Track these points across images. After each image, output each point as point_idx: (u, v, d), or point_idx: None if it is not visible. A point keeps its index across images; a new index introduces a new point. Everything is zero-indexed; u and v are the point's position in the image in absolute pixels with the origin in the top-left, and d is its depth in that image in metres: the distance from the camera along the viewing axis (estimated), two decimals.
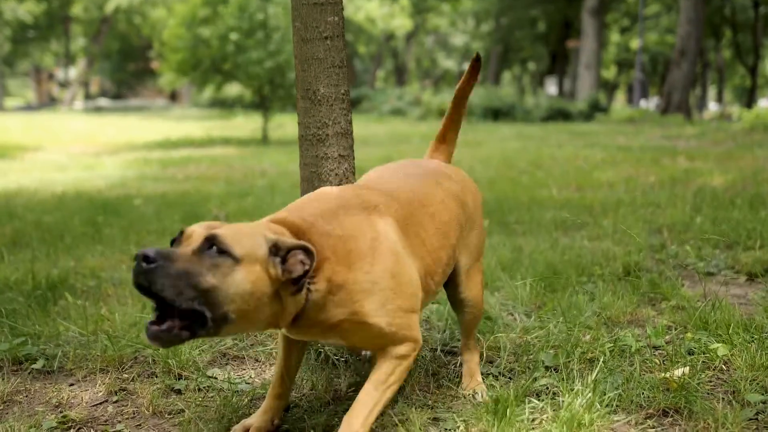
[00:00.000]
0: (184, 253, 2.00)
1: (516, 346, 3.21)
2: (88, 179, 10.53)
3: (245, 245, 2.05)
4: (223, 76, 19.12)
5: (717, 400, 2.55)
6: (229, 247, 2.02)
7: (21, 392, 2.90)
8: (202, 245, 2.02)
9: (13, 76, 70.16)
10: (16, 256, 5.20)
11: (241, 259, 2.03)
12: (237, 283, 2.01)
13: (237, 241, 2.04)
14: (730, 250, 4.97)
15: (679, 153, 12.57)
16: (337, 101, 2.96)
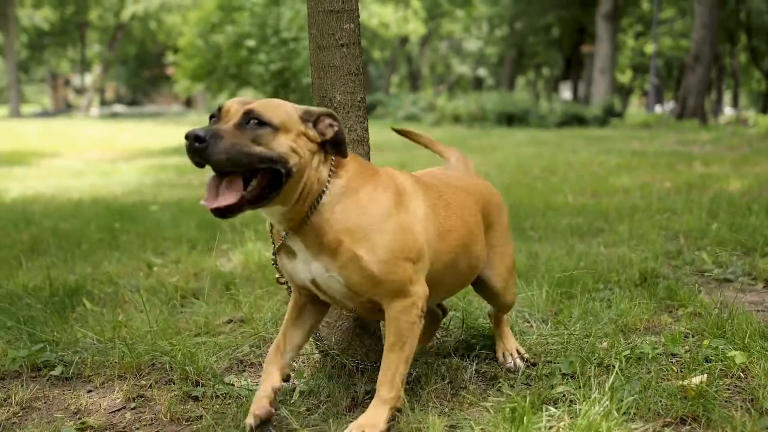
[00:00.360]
0: (228, 129, 2.24)
1: (532, 354, 3.21)
2: (105, 185, 10.58)
3: (280, 115, 2.33)
4: (237, 82, 19.19)
5: (735, 408, 2.54)
6: (267, 119, 2.28)
7: (40, 398, 2.92)
8: (242, 119, 2.27)
9: (29, 82, 70.65)
10: (33, 263, 5.23)
11: (280, 126, 2.30)
12: (280, 144, 2.29)
13: (272, 112, 2.32)
14: (747, 256, 4.95)
15: (694, 158, 12.52)
16: (353, 108, 2.97)
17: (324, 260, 2.45)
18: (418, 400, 2.74)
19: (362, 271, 2.43)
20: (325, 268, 2.46)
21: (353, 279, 2.45)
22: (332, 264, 2.44)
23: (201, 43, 17.88)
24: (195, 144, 2.17)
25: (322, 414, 2.66)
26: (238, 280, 4.60)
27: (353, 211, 2.45)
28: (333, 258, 2.43)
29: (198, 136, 2.17)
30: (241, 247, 5.47)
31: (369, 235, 2.44)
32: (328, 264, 2.45)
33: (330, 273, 2.46)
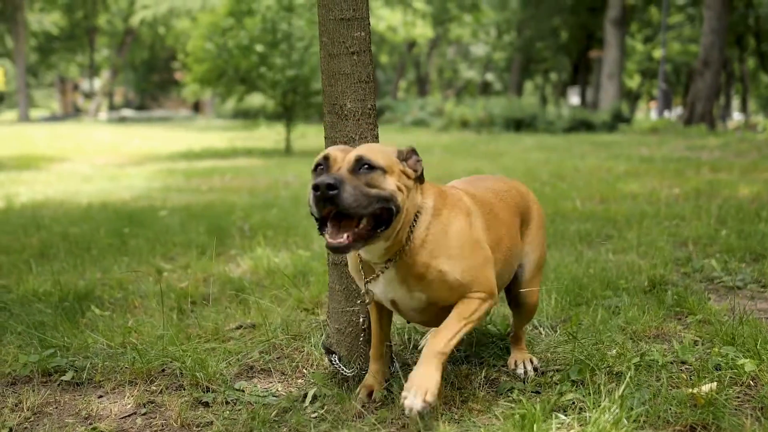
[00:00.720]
0: (347, 175, 2.45)
1: (542, 361, 3.21)
2: (114, 190, 10.61)
3: (384, 158, 2.55)
4: (246, 86, 19.20)
5: (745, 416, 2.54)
6: (375, 163, 2.50)
7: (51, 404, 2.94)
8: (355, 166, 2.49)
9: (38, 87, 70.89)
10: (43, 268, 5.25)
11: (386, 168, 2.52)
12: (388, 184, 2.51)
13: (378, 156, 2.54)
14: (757, 263, 4.94)
15: (703, 164, 12.50)
16: (363, 116, 2.98)
17: (410, 283, 2.68)
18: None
19: (448, 285, 2.66)
20: (409, 289, 2.70)
21: (438, 293, 2.69)
22: (418, 285, 2.67)
23: (211, 47, 17.89)
24: (328, 192, 2.36)
25: (332, 421, 2.67)
26: (248, 285, 4.62)
27: (440, 233, 2.69)
28: (420, 280, 2.66)
29: (330, 184, 2.36)
30: (251, 253, 5.48)
31: (451, 252, 2.67)
32: (413, 285, 2.68)
33: (413, 293, 2.70)
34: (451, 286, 2.67)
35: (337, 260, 3.07)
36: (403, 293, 2.71)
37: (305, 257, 5.29)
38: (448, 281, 2.66)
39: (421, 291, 2.69)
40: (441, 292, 2.68)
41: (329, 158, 2.55)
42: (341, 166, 2.50)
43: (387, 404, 2.81)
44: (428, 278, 2.65)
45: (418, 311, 2.78)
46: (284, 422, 2.65)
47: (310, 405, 2.82)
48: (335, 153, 2.56)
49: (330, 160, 2.54)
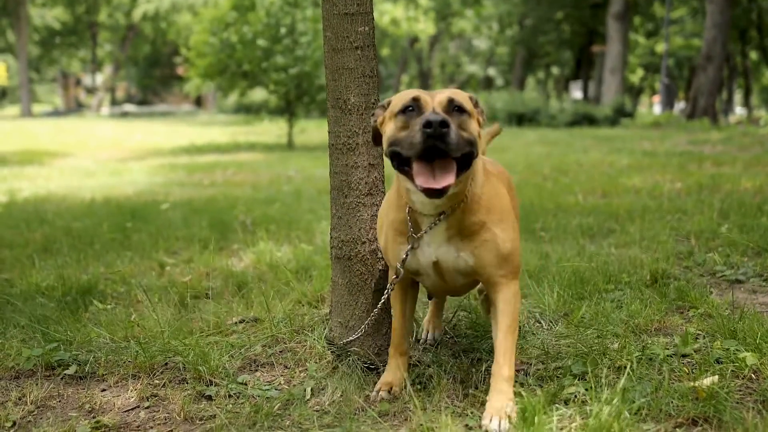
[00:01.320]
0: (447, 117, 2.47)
1: (544, 354, 3.22)
2: (116, 185, 10.62)
3: (468, 102, 2.63)
4: (249, 81, 19.18)
5: (746, 409, 2.54)
6: (465, 106, 2.58)
7: (54, 397, 2.95)
8: (448, 107, 2.54)
9: (41, 82, 70.90)
10: (46, 262, 5.26)
11: (470, 112, 2.60)
12: (474, 128, 2.59)
13: (465, 100, 2.61)
14: (759, 257, 4.94)
15: (705, 158, 12.49)
16: (367, 111, 2.99)
17: (457, 242, 2.72)
18: (430, 400, 2.76)
19: (496, 251, 2.72)
20: (456, 249, 2.72)
21: (486, 258, 2.72)
22: (468, 245, 2.71)
23: (214, 41, 17.85)
24: (441, 129, 2.39)
25: (334, 414, 2.68)
26: (251, 279, 4.63)
27: (493, 195, 2.77)
28: (471, 239, 2.71)
29: (444, 121, 2.40)
30: (253, 247, 5.49)
31: (504, 216, 2.77)
32: (461, 245, 2.72)
33: (460, 253, 2.72)
34: (498, 253, 2.72)
35: (340, 255, 3.07)
36: (450, 254, 2.73)
37: (308, 251, 5.30)
38: (497, 246, 2.71)
39: (469, 252, 2.71)
40: (487, 256, 2.71)
41: (419, 99, 2.57)
42: (433, 107, 2.53)
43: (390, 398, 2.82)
44: (480, 237, 2.70)
45: (460, 275, 2.79)
46: (287, 415, 2.66)
47: (312, 398, 2.83)
48: (423, 95, 2.58)
49: (421, 101, 2.56)
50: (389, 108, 2.67)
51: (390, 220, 2.83)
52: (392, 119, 2.60)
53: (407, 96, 2.60)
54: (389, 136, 2.58)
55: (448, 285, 2.89)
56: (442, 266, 2.76)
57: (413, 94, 2.59)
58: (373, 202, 3.02)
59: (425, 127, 2.39)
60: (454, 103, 2.55)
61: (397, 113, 2.58)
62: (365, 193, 3.00)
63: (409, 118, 2.53)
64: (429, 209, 2.66)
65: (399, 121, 2.55)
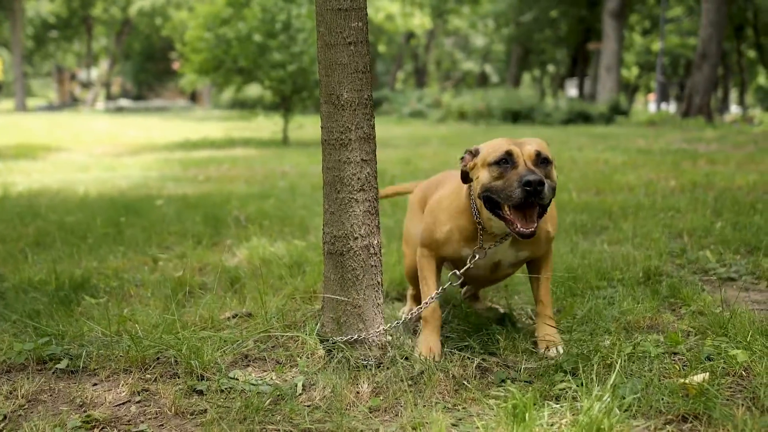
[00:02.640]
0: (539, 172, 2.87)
1: (535, 350, 3.22)
2: (110, 180, 10.61)
3: (548, 152, 2.99)
4: (244, 76, 19.16)
5: (737, 406, 2.54)
6: (549, 157, 2.96)
7: (45, 391, 2.94)
8: (537, 160, 2.91)
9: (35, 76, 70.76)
10: (39, 256, 5.25)
11: (552, 162, 2.98)
12: (555, 176, 3.01)
13: (547, 150, 2.98)
14: (751, 255, 4.95)
15: (700, 156, 12.51)
16: (360, 106, 2.98)
17: (518, 246, 3.21)
18: (421, 395, 2.76)
19: (547, 239, 3.27)
20: (517, 250, 3.23)
21: (539, 249, 3.28)
22: (528, 246, 3.22)
23: (209, 36, 17.80)
24: (539, 187, 2.77)
25: (325, 409, 2.68)
26: (244, 275, 4.63)
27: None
28: (533, 242, 3.18)
29: (541, 180, 2.77)
30: (246, 243, 5.49)
31: (552, 215, 3.28)
32: (521, 247, 3.21)
33: (519, 253, 3.25)
34: (548, 241, 3.28)
35: (332, 250, 3.07)
36: (510, 254, 3.23)
37: (301, 247, 5.30)
38: (548, 237, 3.26)
39: (527, 250, 3.24)
40: (540, 247, 3.26)
41: (512, 154, 2.90)
42: (525, 160, 2.89)
43: (380, 393, 2.82)
44: (539, 239, 3.19)
45: (511, 266, 3.35)
46: (278, 410, 2.66)
47: (303, 393, 2.83)
48: (515, 149, 2.91)
49: (514, 155, 2.90)
50: (480, 156, 3.02)
51: (459, 225, 3.22)
52: (485, 167, 2.97)
53: (500, 149, 2.93)
54: (484, 184, 2.95)
55: (492, 277, 3.42)
56: (500, 264, 3.29)
57: (506, 148, 2.92)
58: (365, 198, 3.02)
59: (525, 186, 2.77)
60: (541, 156, 2.92)
61: (491, 164, 2.94)
62: (358, 189, 2.99)
63: (504, 170, 2.90)
64: (502, 231, 3.11)
65: (494, 171, 2.92)
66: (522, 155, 2.89)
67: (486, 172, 2.95)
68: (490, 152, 2.97)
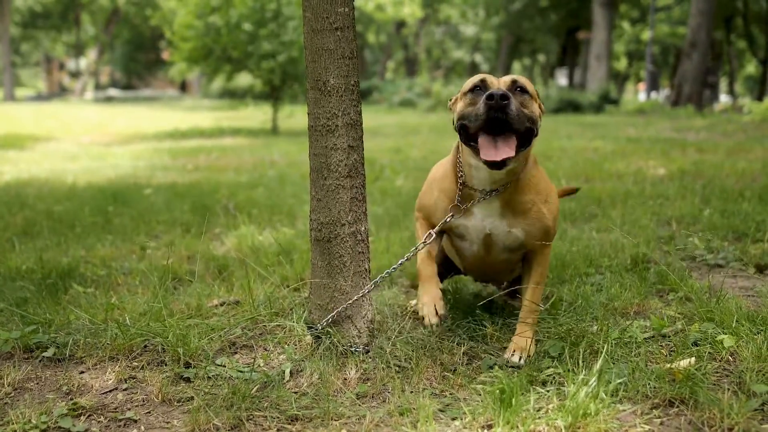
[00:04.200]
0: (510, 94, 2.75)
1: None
2: (99, 169, 10.56)
3: (531, 86, 2.94)
4: (234, 65, 19.09)
5: (723, 390, 2.56)
6: (527, 88, 2.90)
7: (32, 379, 2.93)
8: (511, 87, 2.87)
9: (24, 66, 70.39)
10: (26, 245, 5.23)
11: (532, 95, 2.92)
12: (535, 108, 2.91)
13: (527, 83, 2.92)
14: (739, 242, 4.97)
15: (689, 145, 12.54)
16: (346, 92, 2.97)
17: (510, 218, 3.05)
18: (408, 381, 2.76)
19: (543, 226, 3.07)
20: (509, 224, 3.06)
21: (533, 232, 3.07)
22: (519, 221, 3.05)
23: (199, 24, 17.70)
24: (501, 102, 2.68)
25: (312, 396, 2.67)
26: (232, 263, 4.62)
27: (541, 178, 3.10)
28: (523, 216, 3.04)
29: (504, 94, 2.68)
30: (235, 231, 5.47)
31: (549, 196, 3.10)
32: (513, 221, 3.05)
33: (511, 229, 3.07)
34: (544, 229, 3.08)
35: (319, 237, 3.06)
36: (501, 227, 3.07)
37: (289, 235, 5.29)
38: (544, 223, 3.06)
39: (520, 228, 3.06)
40: (535, 232, 3.07)
41: (486, 81, 2.89)
42: (499, 86, 2.84)
43: (367, 380, 2.82)
44: (531, 215, 3.04)
45: (506, 250, 3.15)
46: (265, 397, 2.66)
47: (291, 380, 2.83)
48: (490, 77, 2.90)
49: (487, 82, 2.88)
50: (461, 91, 3.01)
51: (444, 188, 3.16)
52: (462, 98, 2.96)
53: (476, 78, 2.93)
54: (458, 112, 2.93)
55: (489, 259, 3.22)
56: (492, 239, 3.11)
57: (481, 77, 2.92)
58: (352, 185, 3.01)
59: (488, 99, 2.69)
60: (517, 84, 2.88)
61: (466, 92, 2.93)
62: (345, 175, 2.98)
63: (476, 96, 2.86)
64: (485, 185, 2.99)
65: (467, 99, 2.90)
66: (497, 82, 2.89)
67: (461, 102, 2.95)
68: (467, 84, 2.98)
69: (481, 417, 2.41)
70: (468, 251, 3.24)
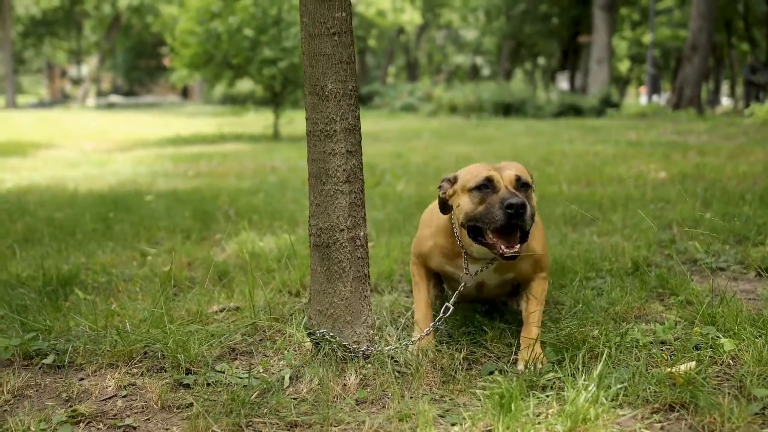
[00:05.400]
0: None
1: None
2: (100, 176, 10.57)
3: (528, 177, 2.99)
4: (235, 71, 19.10)
5: (723, 395, 2.54)
6: (529, 182, 2.97)
7: (31, 386, 2.93)
8: (517, 185, 2.91)
9: (26, 73, 70.51)
10: (27, 252, 5.23)
11: (531, 186, 2.98)
12: (534, 201, 2.99)
13: (527, 175, 2.98)
14: (740, 245, 4.95)
15: (690, 148, 12.53)
16: (344, 97, 2.97)
17: (503, 270, 3.19)
18: (408, 387, 2.75)
19: (533, 262, 3.20)
20: (501, 274, 3.21)
21: (525, 270, 3.21)
22: (513, 268, 3.18)
23: (200, 30, 17.71)
24: (521, 210, 2.76)
25: (312, 402, 2.67)
26: (232, 269, 4.61)
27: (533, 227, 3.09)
28: (516, 265, 3.14)
29: (524, 203, 2.76)
30: (235, 237, 5.47)
31: (539, 235, 3.21)
32: (506, 271, 3.19)
33: (504, 276, 3.23)
34: (534, 263, 3.20)
35: (318, 242, 3.06)
36: (495, 277, 3.21)
37: (290, 240, 5.29)
38: (534, 258, 3.18)
39: (512, 273, 3.20)
40: (526, 269, 3.20)
41: (492, 179, 2.90)
42: (505, 184, 2.89)
43: (367, 385, 2.81)
44: (523, 260, 3.13)
45: (497, 287, 3.33)
46: (264, 403, 2.65)
47: (290, 386, 2.82)
48: (494, 174, 2.91)
49: (494, 181, 2.90)
50: (460, 183, 3.02)
51: (439, 245, 3.25)
52: (465, 194, 2.96)
53: (480, 175, 2.93)
54: (467, 213, 2.92)
55: (481, 295, 3.42)
56: (486, 284, 3.27)
57: (485, 174, 2.92)
58: (351, 190, 3.00)
59: (508, 209, 2.76)
60: (521, 181, 2.92)
61: (471, 189, 2.93)
62: (343, 181, 2.98)
63: (485, 195, 2.88)
64: (486, 256, 3.07)
65: (475, 197, 2.91)
66: (502, 180, 2.90)
67: (467, 198, 2.94)
68: (469, 179, 2.97)
69: (481, 422, 2.41)
70: (461, 289, 3.23)
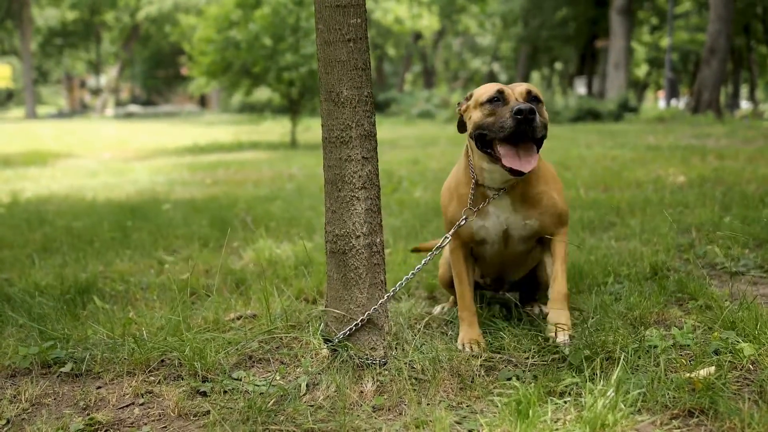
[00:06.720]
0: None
1: (540, 346, 3.20)
2: (118, 185, 10.63)
3: (540, 94, 3.08)
4: (253, 79, 19.16)
5: (743, 400, 2.52)
6: (540, 96, 3.07)
7: (49, 395, 2.94)
8: (528, 97, 3.02)
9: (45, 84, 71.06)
10: (46, 261, 5.26)
11: (543, 102, 3.07)
12: (546, 114, 3.08)
13: (539, 92, 3.08)
14: (760, 249, 4.91)
15: (709, 152, 12.45)
16: (360, 103, 2.96)
17: (523, 212, 3.23)
18: (425, 393, 2.74)
19: (555, 212, 3.28)
20: (524, 217, 3.24)
21: (548, 221, 3.27)
22: (533, 212, 3.23)
23: (218, 38, 17.79)
24: (530, 115, 2.86)
25: (328, 409, 2.66)
26: (249, 276, 4.62)
27: (547, 169, 3.33)
28: (535, 207, 3.23)
29: (532, 109, 2.86)
30: (252, 245, 5.48)
31: (557, 184, 3.33)
32: (527, 213, 3.23)
33: (527, 221, 3.25)
34: (557, 214, 3.28)
35: (334, 249, 3.05)
36: (517, 221, 3.24)
37: (307, 248, 5.29)
38: (556, 210, 3.27)
39: (534, 219, 3.24)
40: (549, 220, 3.27)
41: (504, 92, 3.02)
42: (516, 98, 3.01)
43: (384, 392, 2.80)
44: (543, 204, 3.23)
45: (524, 241, 3.32)
46: (281, 411, 2.65)
47: (307, 393, 2.82)
48: (506, 88, 3.04)
49: (505, 93, 3.02)
50: (473, 99, 3.16)
51: (460, 194, 3.31)
52: (477, 108, 3.08)
53: (492, 88, 3.05)
54: (476, 122, 3.06)
55: (508, 252, 3.38)
56: (510, 233, 3.28)
57: (497, 87, 3.05)
58: (367, 196, 3.00)
59: (516, 114, 2.86)
60: (531, 94, 3.03)
61: (483, 102, 3.04)
62: (359, 187, 2.98)
63: (496, 107, 2.99)
64: (497, 183, 3.17)
65: (486, 109, 3.02)
66: (513, 93, 3.03)
67: (478, 111, 3.07)
68: (482, 93, 3.10)
69: (498, 429, 2.39)
70: (489, 252, 3.39)
